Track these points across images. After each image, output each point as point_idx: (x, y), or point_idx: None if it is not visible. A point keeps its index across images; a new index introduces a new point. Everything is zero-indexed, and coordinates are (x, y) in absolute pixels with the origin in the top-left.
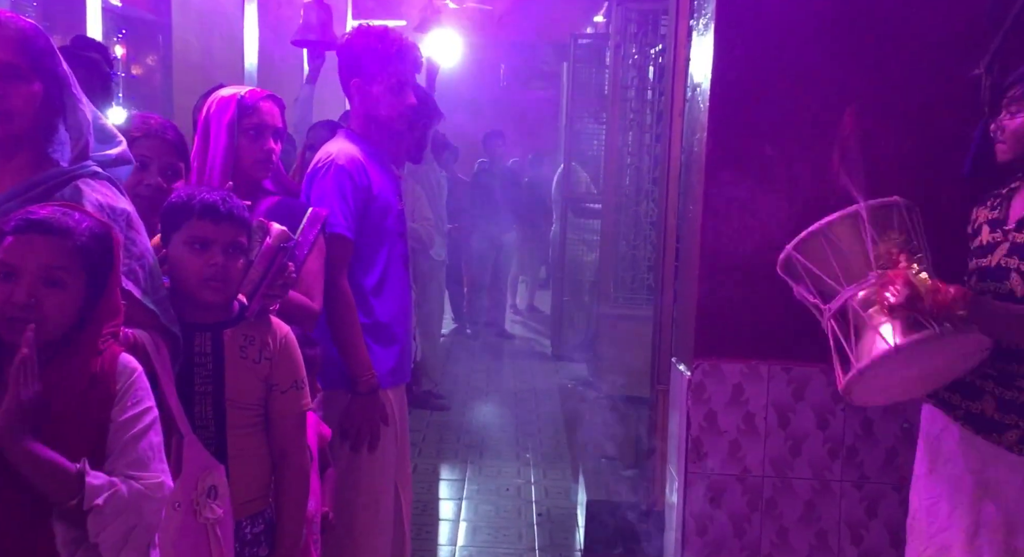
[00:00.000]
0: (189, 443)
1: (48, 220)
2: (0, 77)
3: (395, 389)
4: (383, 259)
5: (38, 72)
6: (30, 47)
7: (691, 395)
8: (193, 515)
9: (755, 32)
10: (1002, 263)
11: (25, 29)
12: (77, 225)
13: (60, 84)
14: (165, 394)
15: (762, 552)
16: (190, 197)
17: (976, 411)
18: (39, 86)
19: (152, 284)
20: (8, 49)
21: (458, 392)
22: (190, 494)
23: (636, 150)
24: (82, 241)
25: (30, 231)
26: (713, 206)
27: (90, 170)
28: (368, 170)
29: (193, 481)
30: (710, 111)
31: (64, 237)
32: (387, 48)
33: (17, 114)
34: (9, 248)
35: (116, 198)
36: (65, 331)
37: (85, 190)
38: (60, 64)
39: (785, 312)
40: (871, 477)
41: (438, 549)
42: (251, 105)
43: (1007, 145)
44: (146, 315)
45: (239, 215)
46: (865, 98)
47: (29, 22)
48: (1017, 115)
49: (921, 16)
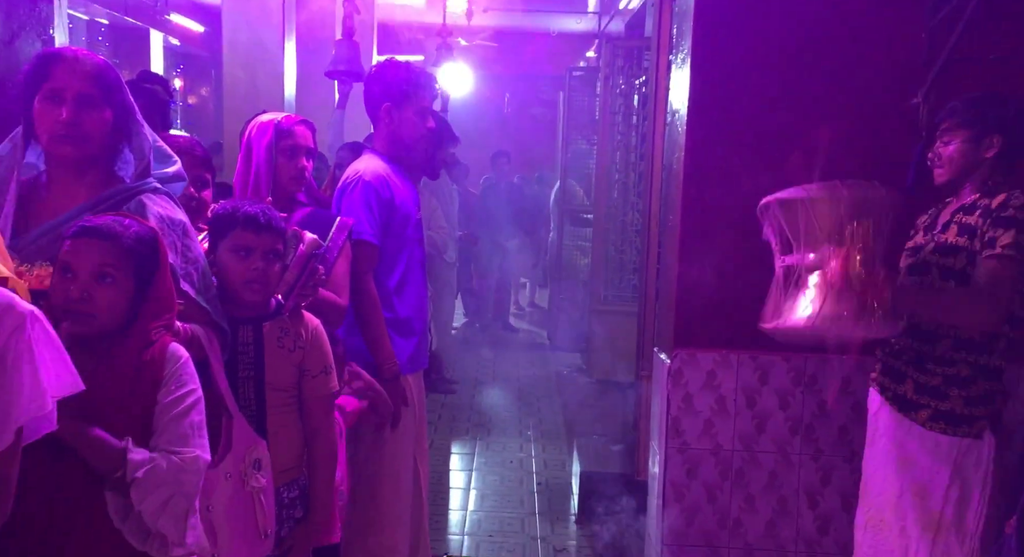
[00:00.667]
0: (237, 422)
1: (100, 226)
2: (78, 105)
3: (414, 375)
4: (403, 262)
5: (109, 101)
6: (103, 80)
7: (670, 380)
8: (241, 484)
9: (725, 66)
10: (927, 259)
11: (99, 64)
12: (125, 230)
13: (127, 112)
14: (216, 380)
15: (731, 516)
16: (235, 210)
17: (900, 393)
18: (109, 113)
19: (204, 284)
20: (85, 81)
21: (468, 378)
22: (239, 466)
23: (623, 167)
24: (129, 243)
25: (85, 235)
26: (690, 216)
27: (151, 186)
28: (391, 184)
29: (241, 455)
30: (687, 133)
31: (113, 240)
32: (414, 78)
33: (89, 137)
34: (68, 250)
35: (174, 210)
36: (118, 322)
37: (148, 204)
38: (127, 95)
39: (753, 307)
40: (825, 450)
41: (452, 513)
42: (287, 129)
43: (944, 169)
44: (200, 312)
45: (276, 225)
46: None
47: (102, 59)
48: (950, 143)
49: (868, 49)
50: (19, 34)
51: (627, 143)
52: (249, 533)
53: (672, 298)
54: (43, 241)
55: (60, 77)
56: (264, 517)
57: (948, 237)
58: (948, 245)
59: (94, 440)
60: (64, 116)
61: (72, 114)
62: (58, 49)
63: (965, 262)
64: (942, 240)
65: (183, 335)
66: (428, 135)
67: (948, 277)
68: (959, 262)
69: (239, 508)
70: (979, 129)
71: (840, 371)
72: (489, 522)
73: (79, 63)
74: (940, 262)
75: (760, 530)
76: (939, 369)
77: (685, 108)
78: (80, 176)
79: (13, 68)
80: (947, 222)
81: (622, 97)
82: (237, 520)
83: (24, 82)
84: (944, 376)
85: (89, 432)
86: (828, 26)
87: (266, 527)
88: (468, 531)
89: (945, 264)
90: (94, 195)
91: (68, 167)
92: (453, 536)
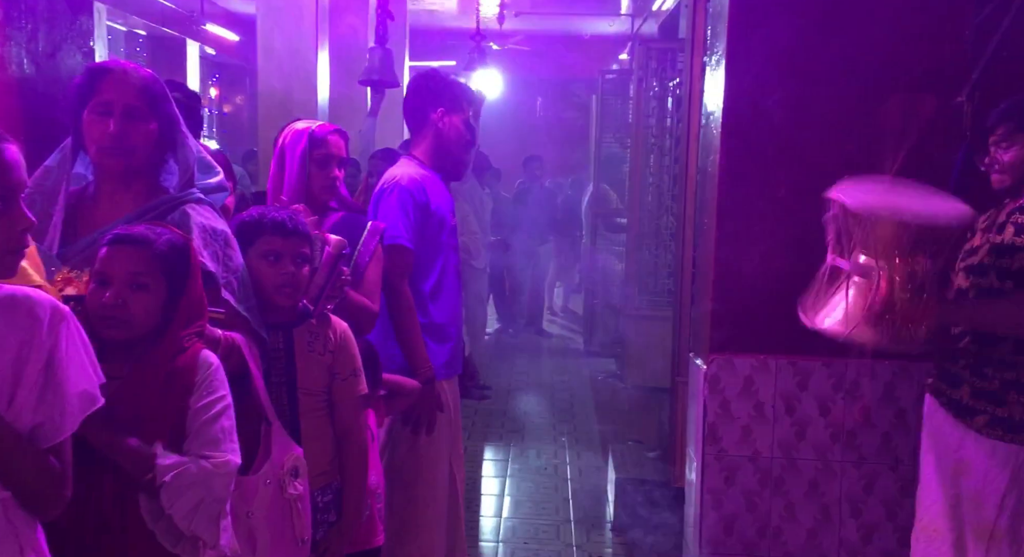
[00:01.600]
0: (276, 430)
1: (134, 234)
2: (125, 118)
3: (449, 380)
4: (439, 267)
5: (155, 114)
6: (149, 93)
7: (707, 386)
8: (279, 491)
9: (761, 67)
10: (984, 261)
11: (145, 77)
12: (158, 238)
13: (172, 124)
14: (257, 388)
15: (771, 525)
16: (261, 216)
17: (956, 398)
18: (155, 126)
19: (244, 293)
20: (131, 94)
21: (501, 384)
22: (277, 473)
23: (657, 170)
24: (162, 250)
25: (119, 243)
26: (725, 219)
27: (195, 197)
28: (427, 189)
29: (279, 462)
30: (722, 136)
31: (147, 247)
32: (465, 89)
33: (137, 149)
34: (103, 258)
35: (216, 220)
36: (151, 329)
37: (191, 214)
38: (172, 107)
39: (791, 312)
40: (868, 458)
41: (486, 520)
42: (320, 138)
43: (1006, 175)
44: (241, 321)
45: (303, 230)
46: (860, 124)
47: (148, 71)
48: (1009, 149)
49: (910, 50)
50: (61, 47)
51: (661, 146)
52: (287, 540)
53: (708, 302)
54: (90, 251)
55: (108, 90)
56: (302, 524)
57: (1004, 237)
58: (1005, 245)
59: (124, 446)
60: (112, 129)
61: (120, 127)
62: (106, 63)
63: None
64: (997, 240)
65: (224, 344)
66: (470, 144)
67: (1006, 278)
68: (1016, 262)
69: (277, 515)
70: None
71: (882, 377)
72: (524, 529)
73: (127, 77)
74: (997, 263)
75: (801, 539)
76: (997, 374)
77: (720, 110)
78: (126, 187)
79: (56, 81)
80: (1003, 223)
81: (655, 100)
82: (276, 527)
83: (73, 95)
84: (1002, 380)
85: (120, 437)
86: (866, 26)
87: (303, 534)
88: (503, 538)
89: (1002, 265)
90: (139, 205)
91: (115, 178)
92: (488, 543)
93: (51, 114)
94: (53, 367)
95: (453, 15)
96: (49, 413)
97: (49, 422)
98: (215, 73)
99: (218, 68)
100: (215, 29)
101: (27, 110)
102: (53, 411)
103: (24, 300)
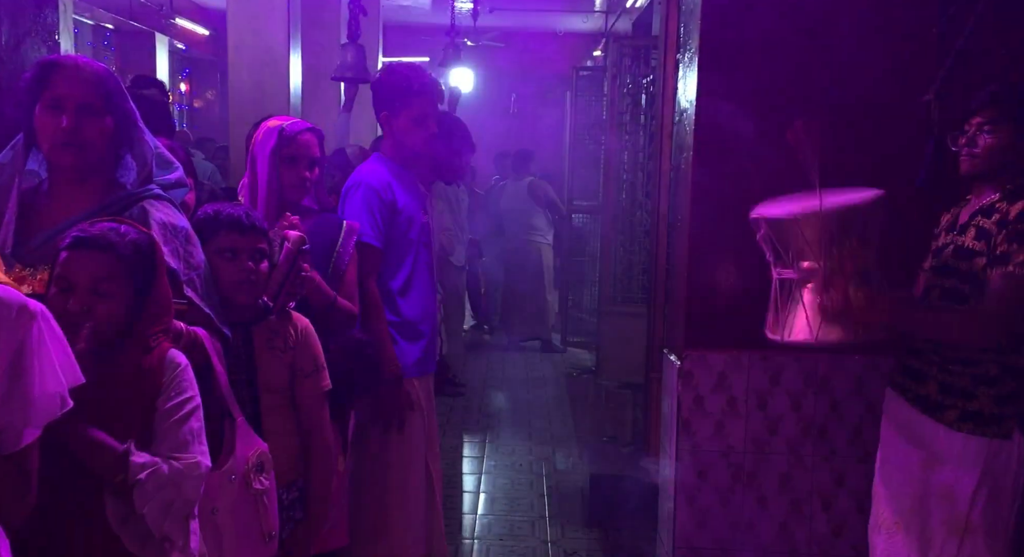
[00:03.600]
0: (240, 425)
1: (97, 237)
2: (79, 113)
3: (422, 378)
4: (409, 265)
5: (110, 109)
6: (103, 87)
7: (681, 381)
8: (245, 487)
9: (732, 64)
10: (947, 262)
11: (99, 71)
12: (122, 239)
13: (128, 119)
14: (220, 384)
15: (744, 518)
16: (217, 212)
17: (923, 393)
18: (110, 120)
19: (207, 291)
20: (85, 89)
21: (476, 380)
22: (242, 469)
23: (631, 167)
24: (126, 253)
25: (81, 247)
26: (698, 216)
27: (153, 193)
28: (394, 187)
29: (244, 458)
30: (695, 133)
31: (111, 251)
32: (410, 85)
33: (91, 145)
34: (64, 263)
35: (176, 216)
36: (117, 331)
37: (150, 210)
38: (128, 101)
39: (763, 308)
40: (839, 452)
41: (462, 517)
42: (290, 136)
43: (978, 159)
44: (203, 317)
45: (260, 225)
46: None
47: (102, 65)
48: (993, 134)
49: (877, 48)
50: (24, 40)
51: (635, 142)
52: (254, 535)
53: (681, 298)
54: (45, 249)
55: (61, 85)
56: (268, 519)
57: (966, 240)
58: (966, 249)
59: (97, 443)
60: (65, 124)
61: (73, 122)
62: (58, 57)
63: (983, 267)
64: (960, 243)
65: (186, 337)
66: (430, 140)
67: (967, 281)
68: (976, 266)
69: (243, 511)
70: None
71: (852, 371)
72: (499, 525)
73: (79, 71)
74: (959, 266)
75: (773, 533)
76: (966, 369)
77: (693, 107)
78: (82, 183)
79: (18, 74)
80: (965, 224)
81: (629, 96)
82: (242, 523)
83: (25, 89)
84: (972, 376)
85: (92, 435)
86: (836, 23)
87: (270, 529)
88: (478, 535)
89: (963, 268)
90: (96, 202)
91: (69, 175)
92: (463, 540)
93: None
94: (19, 368)
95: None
96: (13, 417)
97: (13, 426)
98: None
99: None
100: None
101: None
102: (17, 415)
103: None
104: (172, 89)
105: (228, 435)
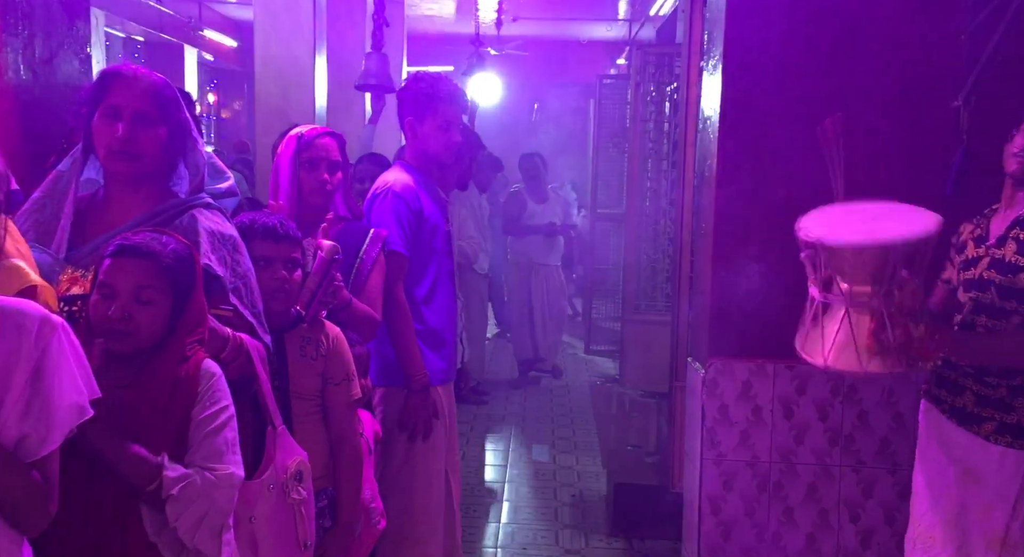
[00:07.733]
0: (281, 434)
1: (139, 245)
2: (134, 122)
3: (444, 386)
4: (432, 273)
5: (165, 119)
6: (159, 98)
7: (705, 390)
8: (283, 496)
9: (757, 72)
10: (984, 276)
11: (156, 82)
12: (163, 248)
13: (182, 129)
14: (264, 391)
15: (770, 529)
16: (252, 221)
17: (959, 405)
18: (164, 130)
19: (251, 299)
20: (141, 99)
21: (499, 388)
22: (281, 478)
23: (655, 175)
24: (168, 262)
25: (123, 255)
26: (723, 223)
27: (203, 201)
28: (420, 196)
29: (284, 467)
30: (719, 140)
31: (152, 259)
32: (436, 93)
33: (145, 154)
34: (107, 270)
35: (225, 225)
36: (155, 340)
37: (200, 218)
38: (183, 112)
39: (788, 316)
40: (867, 462)
41: (486, 526)
42: (308, 141)
43: None
44: (246, 326)
45: (293, 235)
46: (856, 128)
47: (160, 77)
48: None
49: (905, 56)
50: (57, 53)
51: (658, 151)
52: (289, 544)
53: (706, 307)
54: (97, 253)
55: (118, 94)
56: (305, 528)
57: (1006, 254)
58: (1007, 263)
59: (131, 456)
60: (120, 133)
61: (128, 131)
62: (119, 66)
63: None
64: (998, 256)
65: (232, 343)
66: (453, 148)
67: (1009, 296)
68: (1019, 282)
69: (280, 519)
70: None
71: (881, 381)
72: (522, 535)
73: (137, 81)
74: (999, 280)
75: (800, 544)
76: (1003, 381)
77: (717, 115)
78: (136, 191)
79: (52, 86)
80: (1002, 236)
81: (653, 104)
82: (278, 532)
83: (85, 98)
84: (1009, 387)
85: (126, 447)
86: (864, 31)
87: (306, 538)
88: (501, 544)
89: (1004, 283)
90: (149, 209)
91: (124, 182)
92: (487, 549)
93: (47, 119)
94: (40, 379)
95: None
96: (35, 426)
97: (35, 435)
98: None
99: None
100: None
101: (23, 116)
102: (39, 424)
103: (12, 311)
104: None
105: (269, 443)
